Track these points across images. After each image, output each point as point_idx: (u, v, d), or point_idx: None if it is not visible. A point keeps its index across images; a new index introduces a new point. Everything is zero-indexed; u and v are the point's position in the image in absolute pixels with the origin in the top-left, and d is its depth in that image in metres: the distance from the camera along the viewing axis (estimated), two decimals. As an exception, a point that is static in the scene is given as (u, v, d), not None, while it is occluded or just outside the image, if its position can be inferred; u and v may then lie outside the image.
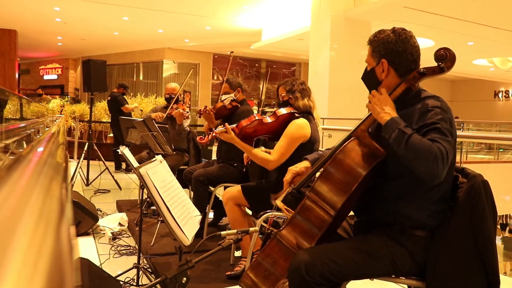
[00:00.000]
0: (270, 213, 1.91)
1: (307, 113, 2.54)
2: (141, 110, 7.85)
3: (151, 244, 3.03)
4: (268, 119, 2.50)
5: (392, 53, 1.54)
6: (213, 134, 2.48)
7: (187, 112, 3.96)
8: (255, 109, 5.08)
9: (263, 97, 3.88)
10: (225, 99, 3.25)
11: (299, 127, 2.43)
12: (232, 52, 3.48)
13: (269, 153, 2.46)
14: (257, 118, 2.49)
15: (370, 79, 1.62)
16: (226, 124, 2.48)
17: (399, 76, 1.55)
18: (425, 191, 1.47)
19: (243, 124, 2.47)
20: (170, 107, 4.14)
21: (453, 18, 7.69)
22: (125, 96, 7.22)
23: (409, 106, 1.50)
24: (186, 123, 3.99)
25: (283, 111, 2.49)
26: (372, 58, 1.60)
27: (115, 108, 6.96)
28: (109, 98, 7.17)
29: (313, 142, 2.49)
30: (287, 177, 1.75)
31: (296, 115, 2.50)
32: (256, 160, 2.45)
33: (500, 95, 18.68)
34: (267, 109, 3.54)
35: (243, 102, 3.35)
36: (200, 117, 3.16)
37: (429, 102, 1.46)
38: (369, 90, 1.60)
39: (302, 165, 1.79)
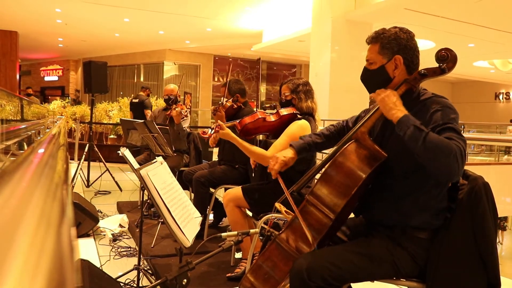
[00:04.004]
0: (271, 214, 1.91)
1: (309, 115, 2.53)
2: None
3: (152, 246, 3.03)
4: (271, 118, 2.50)
5: (406, 49, 1.52)
6: (216, 129, 2.46)
7: (185, 111, 3.96)
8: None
9: (262, 99, 3.88)
10: (226, 101, 3.27)
11: (301, 128, 2.43)
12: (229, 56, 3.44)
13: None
14: (260, 116, 2.49)
15: (379, 78, 1.56)
16: (219, 121, 2.48)
17: (409, 74, 1.53)
18: (429, 189, 1.47)
19: (246, 121, 2.47)
20: (170, 109, 4.13)
21: (454, 20, 7.70)
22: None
23: (412, 108, 1.49)
24: (186, 123, 3.98)
25: (285, 111, 2.49)
26: (380, 56, 1.55)
27: (140, 110, 7.04)
28: (136, 100, 7.28)
29: None
30: (276, 166, 1.70)
31: (298, 116, 2.50)
32: (253, 156, 2.44)
33: (500, 96, 18.70)
34: (268, 110, 3.54)
35: (245, 104, 3.36)
36: (214, 114, 3.16)
37: (434, 104, 1.45)
38: (373, 90, 1.55)
39: (289, 155, 1.74)
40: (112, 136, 8.86)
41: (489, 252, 1.41)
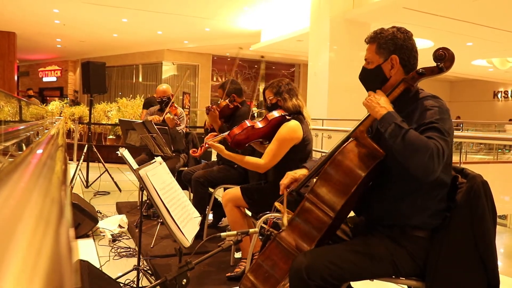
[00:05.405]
0: (270, 214, 1.91)
1: (297, 114, 2.53)
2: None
3: (151, 246, 3.03)
4: (259, 125, 2.50)
5: (403, 49, 1.53)
6: (206, 146, 2.52)
7: (180, 115, 3.94)
8: (255, 109, 5.08)
9: (261, 99, 3.90)
10: (222, 101, 3.29)
11: (292, 130, 2.43)
12: (241, 48, 3.44)
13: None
14: (248, 124, 2.48)
15: (376, 77, 1.58)
16: (207, 140, 2.52)
17: (406, 73, 1.54)
18: (427, 191, 1.47)
19: (236, 132, 2.47)
20: (165, 112, 4.09)
21: (453, 19, 7.70)
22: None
23: (409, 107, 1.50)
24: (182, 125, 3.98)
25: (274, 114, 2.49)
26: (377, 55, 1.56)
27: None
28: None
29: (307, 143, 2.49)
30: (285, 181, 1.77)
31: (287, 117, 2.49)
32: (248, 166, 2.48)
33: (499, 95, 18.72)
34: (255, 109, 3.56)
35: (243, 103, 3.36)
36: (208, 114, 3.16)
37: (429, 102, 1.46)
38: (371, 89, 1.56)
39: (301, 172, 1.80)
40: (111, 137, 8.85)
41: (488, 251, 1.41)
